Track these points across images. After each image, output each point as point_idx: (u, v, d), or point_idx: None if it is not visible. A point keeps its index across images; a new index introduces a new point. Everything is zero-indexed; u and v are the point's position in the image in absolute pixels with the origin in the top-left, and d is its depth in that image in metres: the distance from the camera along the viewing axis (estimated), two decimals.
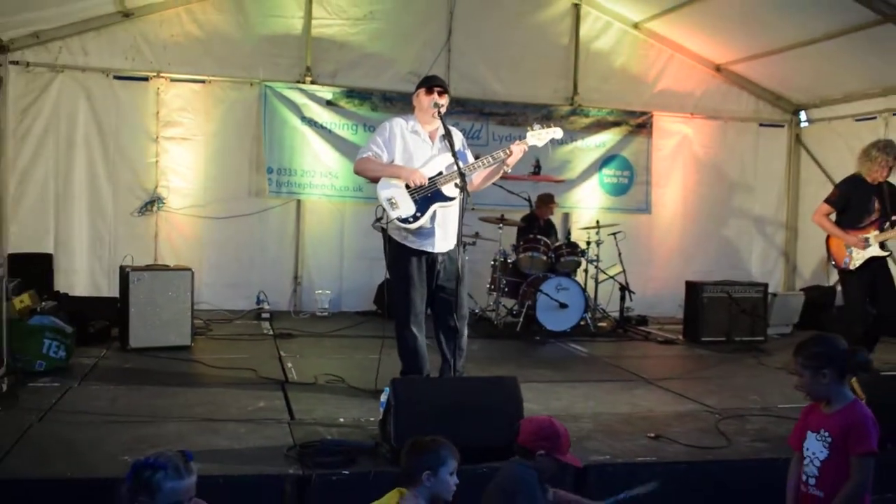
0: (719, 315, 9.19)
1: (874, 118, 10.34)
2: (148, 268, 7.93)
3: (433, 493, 3.12)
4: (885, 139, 7.23)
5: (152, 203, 9.73)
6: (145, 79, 9.66)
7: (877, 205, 6.95)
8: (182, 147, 9.85)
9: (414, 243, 5.71)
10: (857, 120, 10.66)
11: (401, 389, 4.52)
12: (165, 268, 8.14)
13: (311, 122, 10.17)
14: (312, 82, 10.19)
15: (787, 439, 3.37)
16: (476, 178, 5.82)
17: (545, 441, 3.44)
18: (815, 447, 3.15)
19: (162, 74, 9.69)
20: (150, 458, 2.73)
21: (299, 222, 10.30)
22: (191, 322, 7.63)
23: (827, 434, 3.11)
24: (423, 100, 5.75)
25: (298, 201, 10.25)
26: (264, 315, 9.46)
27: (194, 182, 9.92)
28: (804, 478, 3.18)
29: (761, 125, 11.89)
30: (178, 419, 5.16)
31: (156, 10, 9.62)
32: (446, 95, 5.76)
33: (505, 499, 3.36)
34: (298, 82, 10.15)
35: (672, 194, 11.58)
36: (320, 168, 10.20)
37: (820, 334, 3.30)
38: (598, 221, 9.84)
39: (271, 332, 8.68)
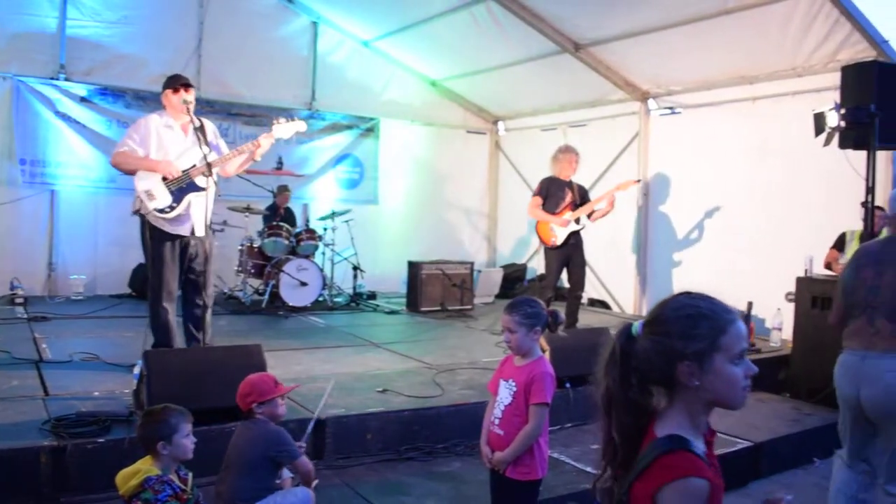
0: (435, 288, 9.51)
1: (555, 129, 11.08)
2: None
3: (173, 457, 2.99)
4: (564, 144, 7.99)
5: None
6: None
7: (569, 195, 7.60)
8: None
9: (170, 228, 5.44)
10: (543, 130, 11.40)
11: (153, 360, 4.30)
12: None
13: (65, 117, 9.27)
14: (66, 79, 9.28)
15: (487, 385, 3.47)
16: (230, 167, 5.67)
17: (249, 396, 3.33)
18: (503, 393, 3.23)
19: None
20: None
21: (54, 211, 9.33)
22: None
23: (513, 383, 3.18)
24: (172, 98, 5.51)
25: (52, 191, 9.31)
26: (18, 300, 8.52)
27: None
28: (493, 418, 3.25)
29: (468, 132, 12.42)
30: None
31: None
32: (192, 90, 5.55)
33: (265, 454, 3.24)
34: (52, 79, 9.21)
35: (396, 188, 11.81)
36: (74, 160, 9.34)
37: (527, 297, 3.33)
38: (333, 211, 9.80)
39: (25, 316, 7.87)
